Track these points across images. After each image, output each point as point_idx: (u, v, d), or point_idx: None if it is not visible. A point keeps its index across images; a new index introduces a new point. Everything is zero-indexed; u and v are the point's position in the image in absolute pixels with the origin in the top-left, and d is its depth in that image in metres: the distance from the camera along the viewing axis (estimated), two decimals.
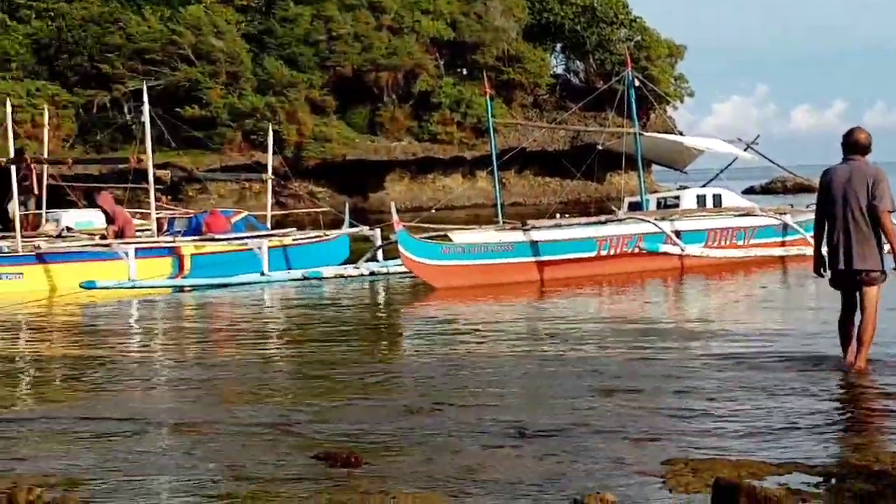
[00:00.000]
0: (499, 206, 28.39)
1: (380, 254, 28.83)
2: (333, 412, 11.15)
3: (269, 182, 34.64)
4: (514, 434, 9.84)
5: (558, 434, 9.82)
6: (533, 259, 25.20)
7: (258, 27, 72.70)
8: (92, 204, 37.01)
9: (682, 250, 25.70)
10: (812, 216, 13.17)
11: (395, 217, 24.10)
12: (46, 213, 33.95)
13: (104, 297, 25.01)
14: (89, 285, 25.37)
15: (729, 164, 32.47)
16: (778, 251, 27.33)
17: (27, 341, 19.04)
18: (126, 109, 67.28)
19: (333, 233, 30.73)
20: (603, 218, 27.21)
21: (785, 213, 28.62)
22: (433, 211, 30.12)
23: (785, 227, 27.89)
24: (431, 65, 74.32)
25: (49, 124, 38.08)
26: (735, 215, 27.99)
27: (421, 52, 73.67)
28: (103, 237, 28.41)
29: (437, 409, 11.00)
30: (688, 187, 30.39)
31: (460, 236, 25.13)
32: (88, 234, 30.25)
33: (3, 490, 8.05)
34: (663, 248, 25.58)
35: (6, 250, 27.14)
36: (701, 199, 28.78)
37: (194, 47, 69.54)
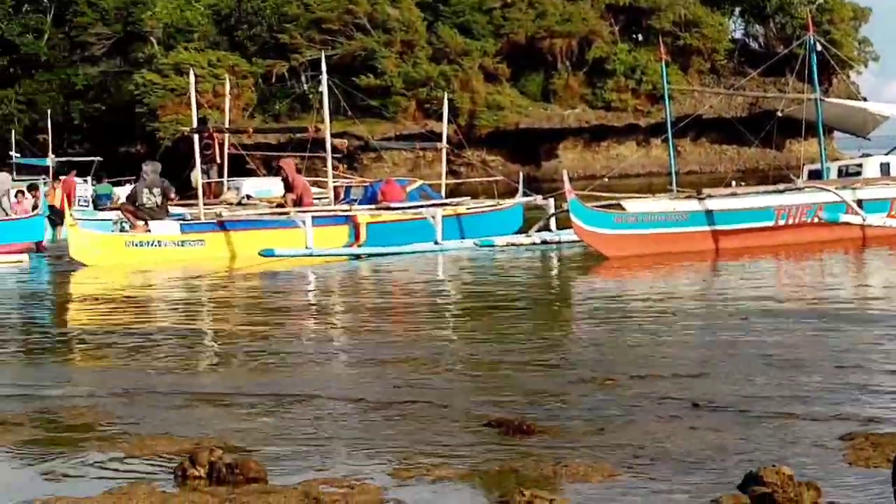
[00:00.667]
0: (673, 175, 28.06)
1: (552, 223, 28.74)
2: (506, 381, 11.25)
3: (444, 151, 34.75)
4: (687, 406, 9.81)
5: (732, 407, 9.77)
6: (707, 228, 24.86)
7: None
8: (271, 172, 37.74)
9: (864, 220, 25.09)
10: None
11: (567, 186, 24.02)
12: (228, 181, 34.68)
13: (282, 264, 25.49)
14: (268, 253, 25.88)
15: None
16: None
17: (209, 312, 19.54)
18: (304, 79, 68.24)
19: (507, 202, 30.73)
20: (781, 187, 26.70)
21: None
22: (606, 179, 29.98)
23: None
24: (606, 31, 73.73)
25: (230, 94, 38.86)
26: None
27: (596, 18, 73.15)
28: (281, 205, 28.91)
29: (610, 380, 11.02)
30: (871, 155, 29.63)
31: (633, 205, 24.94)
32: (267, 202, 30.83)
33: (186, 451, 8.35)
34: (844, 217, 25.00)
35: (189, 217, 27.84)
36: (885, 168, 28.00)
37: (370, 16, 70.15)
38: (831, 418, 9.28)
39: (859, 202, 25.45)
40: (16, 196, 31.09)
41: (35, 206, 29.98)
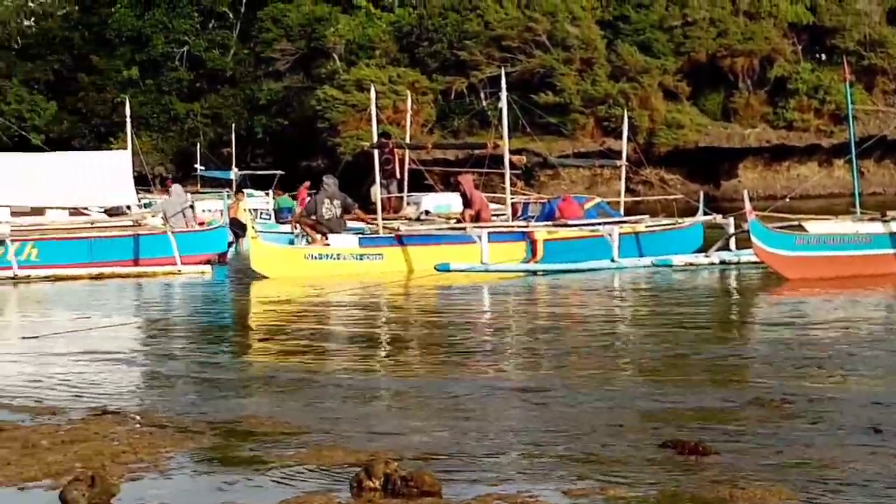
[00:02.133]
0: (856, 196, 27.42)
1: (732, 243, 28.37)
2: (683, 401, 11.13)
3: (623, 168, 34.58)
4: (868, 431, 9.59)
5: None
6: (892, 252, 24.23)
7: (613, 13, 72.72)
8: (449, 188, 38.03)
9: None
10: None
11: (747, 206, 23.65)
12: (407, 196, 35.05)
13: (457, 279, 25.65)
14: (443, 268, 26.09)
15: None
16: None
17: (386, 321, 19.77)
18: (482, 96, 68.59)
19: (687, 220, 30.44)
20: None
21: None
22: (787, 200, 29.38)
23: None
24: (788, 50, 72.56)
25: (410, 110, 39.27)
26: None
27: (778, 36, 72.01)
28: (460, 221, 29.11)
29: (788, 402, 10.83)
30: None
31: (815, 227, 24.45)
32: (445, 218, 31.06)
33: (362, 462, 8.45)
34: None
35: (368, 232, 28.21)
36: None
37: (549, 34, 70.21)
38: None
39: None
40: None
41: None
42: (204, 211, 36.02)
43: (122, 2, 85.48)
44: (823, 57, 74.66)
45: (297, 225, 28.83)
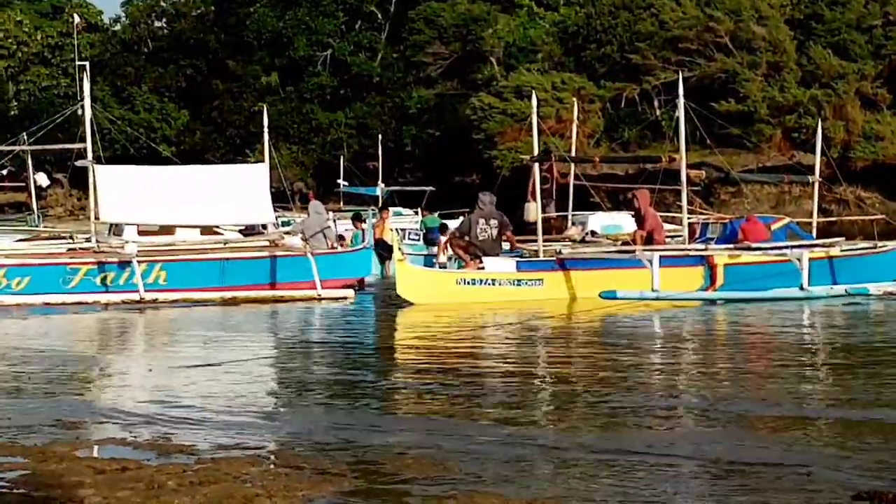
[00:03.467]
0: None
1: None
2: (880, 447, 10.92)
3: (816, 185, 33.97)
4: None
5: None
6: None
7: (804, 11, 71.81)
8: (617, 206, 37.87)
9: None
10: None
11: None
12: (573, 215, 34.98)
13: (627, 307, 25.48)
14: (609, 295, 25.95)
15: None
16: None
17: (545, 357, 19.73)
18: (656, 104, 68.24)
19: (889, 244, 29.79)
20: None
21: None
22: None
23: None
24: None
25: (575, 120, 39.21)
26: None
27: None
28: (628, 242, 28.94)
29: None
30: None
31: None
32: (613, 240, 30.92)
33: None
34: None
35: (527, 255, 28.21)
36: None
37: (733, 35, 69.56)
38: None
39: None
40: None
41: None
42: (347, 230, 36.30)
43: (261, 0, 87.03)
44: None
45: (448, 247, 28.97)
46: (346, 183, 69.76)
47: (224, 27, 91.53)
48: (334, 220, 34.08)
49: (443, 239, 31.54)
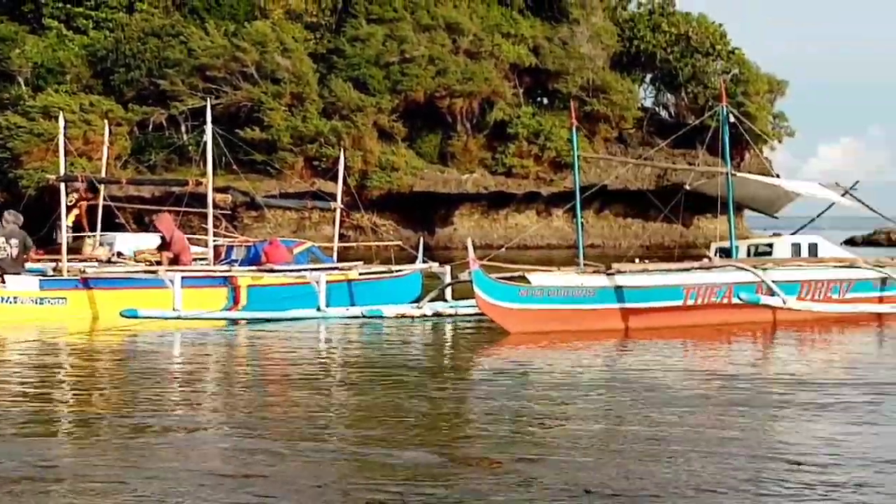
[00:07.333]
0: (580, 248, 28.12)
1: (448, 293, 28.76)
2: (387, 461, 11.21)
3: (338, 211, 34.54)
4: (579, 492, 9.85)
5: (626, 493, 9.83)
6: (616, 306, 24.92)
7: (327, 46, 73.18)
8: (143, 227, 37.44)
9: (784, 303, 25.30)
10: None
11: (471, 255, 23.75)
12: (100, 235, 34.30)
13: (149, 327, 25.21)
14: (130, 314, 25.60)
15: (824, 211, 31.95)
16: (882, 308, 27.00)
17: (59, 381, 19.27)
18: (183, 129, 67.96)
19: (405, 268, 30.63)
20: (696, 264, 26.91)
21: (885, 266, 28.25)
22: (503, 249, 29.97)
23: (884, 282, 27.58)
24: (509, 92, 74.34)
25: (106, 141, 38.52)
26: (832, 266, 27.63)
27: (499, 78, 73.72)
28: (155, 263, 28.66)
29: (497, 463, 11.04)
30: (781, 234, 30.13)
31: (539, 278, 24.93)
32: (139, 260, 30.52)
33: None
34: (764, 300, 25.18)
35: (51, 273, 27.50)
36: (796, 248, 28.47)
37: (258, 65, 70.14)
38: None
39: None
40: None
41: None
42: None
43: None
44: (545, 101, 76.82)
45: None
46: None
47: None
48: None
49: None
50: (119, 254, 32.18)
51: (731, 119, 30.23)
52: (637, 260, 27.37)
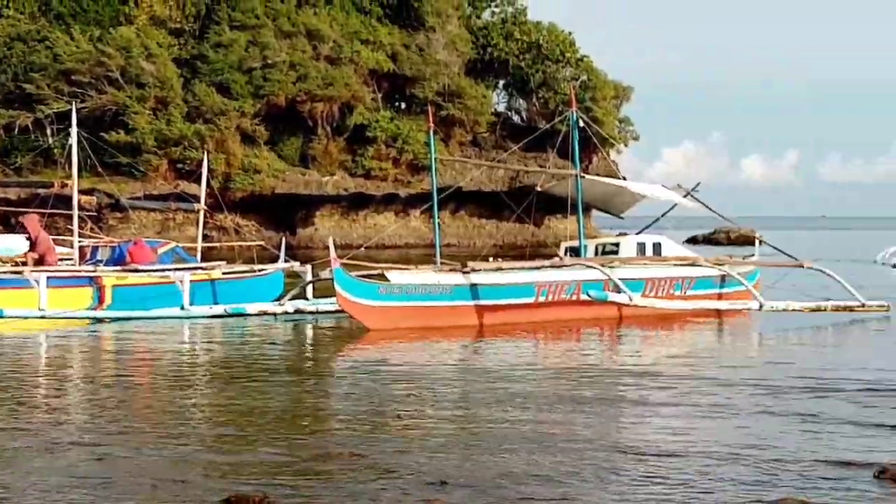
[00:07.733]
0: (437, 247, 28.26)
1: (309, 291, 28.71)
2: (251, 456, 11.16)
3: (202, 213, 34.28)
4: (435, 483, 9.90)
5: (481, 485, 9.89)
6: (471, 303, 25.14)
7: (191, 52, 72.47)
8: (9, 229, 36.76)
9: (630, 300, 25.67)
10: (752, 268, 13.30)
11: (332, 254, 23.79)
12: None
13: (16, 326, 24.76)
14: None
15: (667, 211, 32.48)
16: (722, 304, 27.51)
17: None
18: (49, 132, 66.78)
19: (268, 268, 30.52)
20: (547, 262, 27.23)
21: (724, 264, 28.85)
22: (363, 249, 30.01)
23: (723, 279, 28.13)
24: (368, 97, 74.30)
25: None
26: (675, 265, 28.14)
27: (358, 83, 73.63)
28: (21, 263, 28.17)
29: (357, 455, 11.04)
30: (627, 234, 30.57)
31: (398, 276, 25.03)
32: (5, 261, 29.96)
33: None
34: (612, 297, 25.53)
35: None
36: (641, 247, 28.91)
37: (123, 70, 69.21)
38: (577, 498, 9.48)
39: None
40: None
41: None
42: None
43: None
44: (403, 106, 76.98)
45: None
46: None
47: None
48: None
49: None
50: None
51: (580, 123, 30.55)
52: (491, 259, 27.65)
